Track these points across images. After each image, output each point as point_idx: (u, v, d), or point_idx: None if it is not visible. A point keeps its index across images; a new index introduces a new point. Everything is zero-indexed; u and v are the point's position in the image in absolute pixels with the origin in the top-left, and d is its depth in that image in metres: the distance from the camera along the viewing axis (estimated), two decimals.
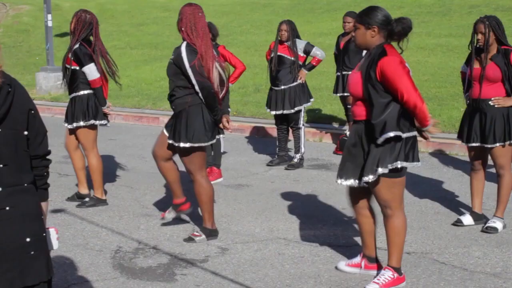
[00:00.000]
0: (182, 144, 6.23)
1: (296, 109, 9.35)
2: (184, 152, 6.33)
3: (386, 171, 5.03)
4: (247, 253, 6.06)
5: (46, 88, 17.28)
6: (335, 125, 11.98)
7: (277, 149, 9.74)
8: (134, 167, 9.46)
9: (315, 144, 11.01)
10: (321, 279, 5.49)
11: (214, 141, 6.50)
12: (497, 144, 6.50)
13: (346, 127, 10.90)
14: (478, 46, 6.56)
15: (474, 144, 6.63)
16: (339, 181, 5.33)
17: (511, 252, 6.08)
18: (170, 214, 6.66)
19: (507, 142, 6.52)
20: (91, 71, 7.35)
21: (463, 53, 14.60)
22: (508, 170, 6.63)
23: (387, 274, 5.25)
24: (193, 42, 6.21)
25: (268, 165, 9.59)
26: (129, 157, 10.20)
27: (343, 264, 5.63)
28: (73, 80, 7.47)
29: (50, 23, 17.41)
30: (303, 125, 9.51)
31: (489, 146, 6.54)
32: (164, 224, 6.82)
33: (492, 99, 6.51)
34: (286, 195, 7.98)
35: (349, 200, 5.56)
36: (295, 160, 9.44)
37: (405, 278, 5.37)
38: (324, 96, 13.21)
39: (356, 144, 5.21)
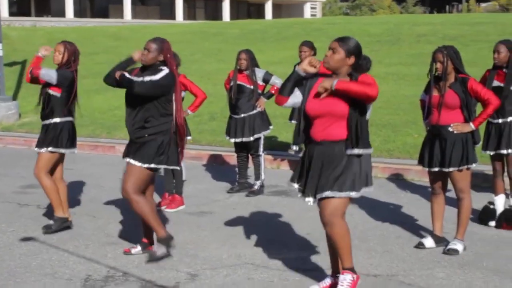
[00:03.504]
0: (146, 165, 6.46)
1: (255, 136, 9.49)
2: (139, 173, 6.49)
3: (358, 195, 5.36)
4: (217, 279, 6.13)
5: None
6: (291, 152, 12.14)
7: (237, 176, 9.85)
8: (94, 197, 9.45)
9: (272, 171, 11.15)
10: None
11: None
12: (456, 168, 6.73)
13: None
14: (436, 74, 6.81)
15: (435, 169, 6.84)
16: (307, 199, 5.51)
17: (473, 273, 6.26)
18: (136, 250, 6.77)
19: (465, 166, 6.76)
20: (48, 72, 7.51)
21: (413, 81, 15.03)
22: (468, 193, 6.85)
23: (348, 278, 5.41)
24: (174, 71, 6.52)
25: (228, 192, 9.68)
26: (88, 186, 10.18)
27: (316, 287, 5.73)
28: (49, 106, 7.61)
29: (1, 53, 17.26)
30: (263, 152, 9.64)
31: (448, 170, 6.76)
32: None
33: (451, 125, 6.74)
34: (249, 222, 8.08)
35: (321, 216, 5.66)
36: (256, 187, 9.56)
37: (360, 277, 5.55)
38: (279, 123, 13.39)
39: (319, 162, 5.39)
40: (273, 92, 9.59)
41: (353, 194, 5.34)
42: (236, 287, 5.91)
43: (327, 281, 5.73)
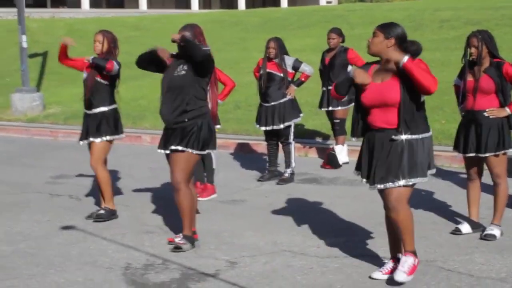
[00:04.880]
0: (195, 152, 6.54)
1: (286, 124, 9.49)
2: (187, 159, 6.53)
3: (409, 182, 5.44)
4: (256, 266, 6.15)
5: (22, 109, 17.23)
6: (319, 139, 12.15)
7: (267, 164, 9.87)
8: (125, 186, 9.49)
9: (301, 159, 11.14)
10: None
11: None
12: (493, 154, 6.71)
13: (333, 142, 11.08)
14: (471, 59, 6.78)
15: (470, 155, 6.82)
16: (379, 187, 5.55)
17: None
18: (179, 239, 6.75)
19: (502, 152, 6.74)
20: (115, 66, 7.59)
21: (438, 67, 14.93)
22: (504, 178, 6.83)
23: (410, 261, 5.51)
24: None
25: (259, 180, 9.70)
26: (118, 176, 10.23)
27: (379, 273, 5.77)
28: (97, 95, 7.66)
29: (25, 44, 17.35)
30: (293, 140, 9.64)
31: (484, 155, 6.75)
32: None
33: (487, 110, 6.72)
34: (282, 209, 8.10)
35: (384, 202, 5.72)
36: (286, 174, 9.57)
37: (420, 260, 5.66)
38: (306, 111, 13.32)
39: (381, 149, 5.47)
40: (303, 79, 9.59)
41: (419, 179, 5.43)
42: (276, 275, 5.93)
43: (389, 266, 5.78)
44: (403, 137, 5.39)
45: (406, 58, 5.26)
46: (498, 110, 6.71)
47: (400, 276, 5.48)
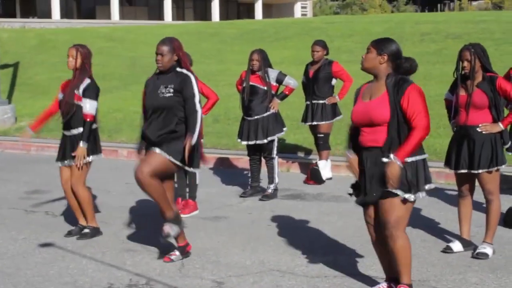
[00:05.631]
0: (173, 160, 6.35)
1: (269, 138, 9.29)
2: (161, 162, 6.36)
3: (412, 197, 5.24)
4: (245, 286, 5.92)
5: None
6: (301, 154, 11.97)
7: (250, 179, 9.65)
8: (103, 202, 9.20)
9: (283, 174, 10.94)
10: None
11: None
12: (485, 170, 6.56)
13: (315, 156, 10.89)
14: (463, 73, 6.63)
15: (462, 171, 6.66)
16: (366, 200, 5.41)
17: (507, 277, 6.09)
18: (176, 256, 6.62)
19: (495, 168, 6.58)
20: (92, 107, 7.32)
21: (420, 80, 14.84)
22: (497, 195, 6.68)
23: None
24: (190, 70, 6.43)
25: (241, 196, 9.48)
26: (95, 192, 9.90)
27: None
28: (75, 117, 7.36)
29: None
30: (276, 155, 9.44)
31: (477, 172, 6.59)
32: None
33: (480, 125, 6.56)
34: (267, 227, 7.88)
35: (367, 224, 5.62)
36: (270, 190, 9.36)
37: None
38: (287, 125, 13.15)
39: (371, 169, 5.30)
40: (287, 92, 9.40)
41: (407, 196, 5.22)
42: None
43: (383, 286, 5.59)
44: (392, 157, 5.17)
45: (399, 162, 5.09)
46: (491, 125, 6.56)
47: None
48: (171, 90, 6.31)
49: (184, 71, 6.40)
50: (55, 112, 7.67)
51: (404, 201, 5.22)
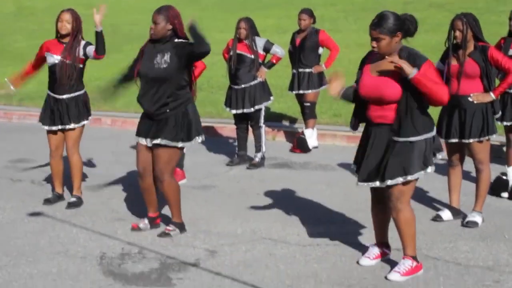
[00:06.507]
0: (181, 144, 6.29)
1: (256, 107, 9.26)
2: (170, 152, 6.26)
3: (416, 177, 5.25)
4: (237, 255, 5.93)
5: None
6: (286, 123, 11.95)
7: (237, 148, 9.62)
8: (90, 171, 9.11)
9: (269, 142, 10.84)
10: (320, 278, 5.41)
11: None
12: (477, 139, 6.58)
13: (300, 125, 10.88)
14: (455, 42, 6.62)
15: (453, 140, 6.68)
16: (361, 183, 5.39)
17: (497, 245, 6.15)
18: (144, 225, 6.60)
19: (485, 138, 6.61)
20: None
21: None
22: (487, 165, 6.72)
23: (407, 263, 5.36)
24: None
25: (228, 165, 9.46)
26: None
27: (366, 259, 5.65)
28: (75, 79, 7.35)
29: None
30: (263, 123, 9.41)
31: (468, 141, 6.61)
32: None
33: (471, 95, 6.58)
34: (256, 195, 7.88)
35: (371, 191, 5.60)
36: (257, 159, 9.34)
37: (422, 266, 5.47)
38: (274, 94, 13.14)
39: (378, 146, 5.28)
40: (274, 61, 9.35)
41: (416, 175, 5.24)
42: (259, 263, 5.72)
43: (376, 251, 5.66)
44: (401, 139, 5.19)
45: (415, 71, 5.04)
46: (482, 95, 6.58)
47: (393, 275, 5.36)
48: (168, 61, 6.20)
49: (178, 40, 6.31)
50: (33, 73, 7.57)
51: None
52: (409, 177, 5.20)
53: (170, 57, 6.19)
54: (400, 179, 5.20)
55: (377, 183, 5.30)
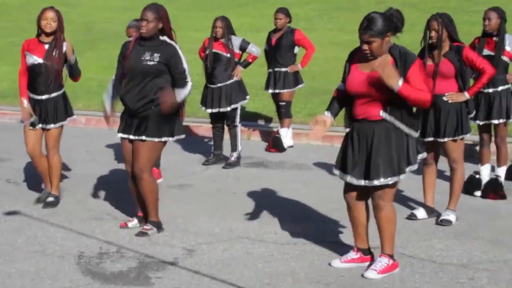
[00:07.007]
0: (165, 139, 6.36)
1: (232, 106, 9.29)
2: (152, 148, 6.32)
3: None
4: (215, 254, 5.96)
5: None
6: (261, 122, 12.00)
7: (213, 147, 9.65)
8: (65, 170, 9.06)
9: (244, 142, 10.87)
10: (298, 276, 5.46)
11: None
12: (451, 138, 6.68)
13: (275, 124, 10.93)
14: (431, 42, 6.70)
15: (428, 139, 6.77)
16: (349, 179, 5.39)
17: (471, 243, 6.25)
18: (132, 223, 6.62)
19: (460, 137, 6.71)
20: (78, 67, 7.44)
21: None
22: (461, 163, 6.81)
23: (384, 261, 5.41)
24: (174, 40, 6.36)
25: (204, 164, 9.48)
26: None
27: (337, 261, 5.64)
28: (55, 80, 7.31)
29: None
30: (239, 122, 9.45)
31: (443, 140, 6.70)
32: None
33: (446, 94, 6.67)
34: (233, 195, 7.92)
35: (345, 192, 5.58)
36: (233, 158, 9.37)
37: (399, 264, 5.53)
38: (249, 93, 13.18)
39: (364, 143, 5.32)
40: (250, 60, 9.39)
41: (401, 177, 5.34)
42: (237, 262, 5.76)
43: (350, 256, 5.66)
44: (388, 117, 5.23)
45: (400, 82, 5.08)
46: (457, 94, 6.68)
47: (369, 273, 5.41)
48: (156, 59, 6.23)
49: (168, 40, 6.31)
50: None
51: None
52: (397, 178, 5.29)
53: (160, 57, 6.22)
54: (389, 179, 5.26)
55: (364, 182, 5.33)
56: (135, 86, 6.28)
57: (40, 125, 7.34)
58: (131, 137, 6.34)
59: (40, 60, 7.18)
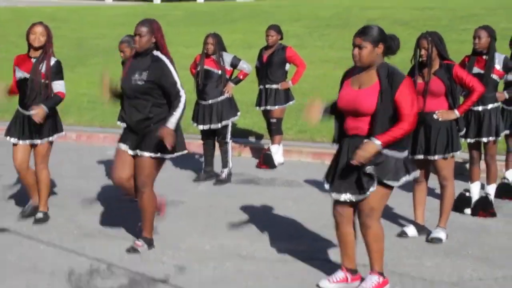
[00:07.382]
0: (168, 156, 6.38)
1: (223, 123, 9.31)
2: (153, 164, 6.35)
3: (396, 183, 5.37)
4: (206, 272, 5.96)
5: None
6: (252, 139, 12.01)
7: (203, 164, 9.65)
8: (55, 186, 9.05)
9: (235, 158, 10.88)
10: None
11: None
12: (442, 156, 6.71)
13: (266, 141, 10.94)
14: (421, 61, 6.75)
15: (419, 157, 6.80)
16: (334, 196, 5.39)
17: (461, 261, 6.27)
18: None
19: (450, 154, 6.74)
20: (63, 86, 7.33)
21: None
22: (451, 181, 6.85)
23: (374, 279, 5.43)
24: (168, 55, 6.36)
25: (195, 181, 9.48)
26: None
27: (326, 281, 5.61)
28: (41, 94, 7.25)
29: None
30: (230, 139, 9.46)
31: (434, 158, 6.74)
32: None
33: (436, 112, 6.71)
34: (224, 211, 7.91)
35: (334, 209, 5.56)
36: (223, 175, 9.38)
37: (389, 281, 5.53)
38: (241, 109, 13.19)
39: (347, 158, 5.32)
40: (241, 77, 9.43)
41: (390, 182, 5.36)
42: (229, 280, 5.76)
43: (340, 275, 5.63)
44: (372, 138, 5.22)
45: (377, 143, 5.14)
46: (447, 112, 6.72)
47: None
48: (144, 79, 6.25)
49: (160, 55, 6.33)
50: (17, 92, 7.45)
51: (378, 191, 5.30)
52: (389, 182, 5.32)
53: (147, 76, 6.24)
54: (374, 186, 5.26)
55: (350, 196, 5.33)
56: (130, 104, 6.36)
57: (28, 141, 7.32)
58: (130, 152, 6.37)
59: (27, 75, 7.20)
